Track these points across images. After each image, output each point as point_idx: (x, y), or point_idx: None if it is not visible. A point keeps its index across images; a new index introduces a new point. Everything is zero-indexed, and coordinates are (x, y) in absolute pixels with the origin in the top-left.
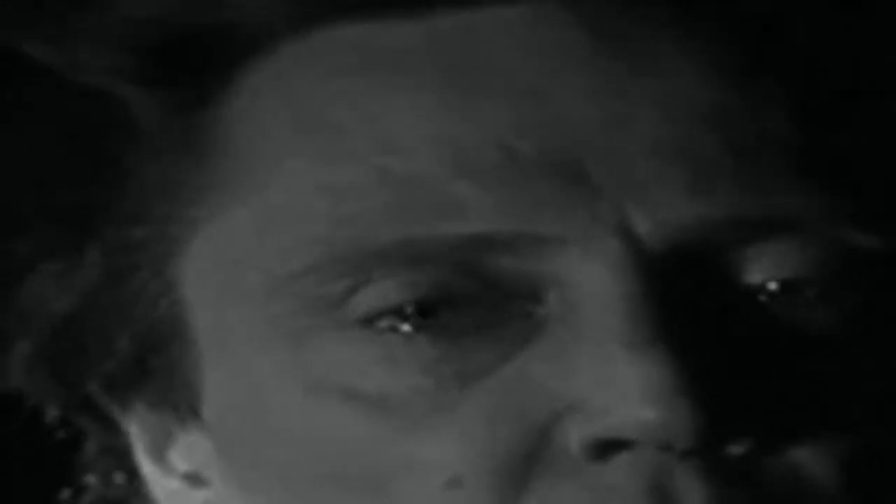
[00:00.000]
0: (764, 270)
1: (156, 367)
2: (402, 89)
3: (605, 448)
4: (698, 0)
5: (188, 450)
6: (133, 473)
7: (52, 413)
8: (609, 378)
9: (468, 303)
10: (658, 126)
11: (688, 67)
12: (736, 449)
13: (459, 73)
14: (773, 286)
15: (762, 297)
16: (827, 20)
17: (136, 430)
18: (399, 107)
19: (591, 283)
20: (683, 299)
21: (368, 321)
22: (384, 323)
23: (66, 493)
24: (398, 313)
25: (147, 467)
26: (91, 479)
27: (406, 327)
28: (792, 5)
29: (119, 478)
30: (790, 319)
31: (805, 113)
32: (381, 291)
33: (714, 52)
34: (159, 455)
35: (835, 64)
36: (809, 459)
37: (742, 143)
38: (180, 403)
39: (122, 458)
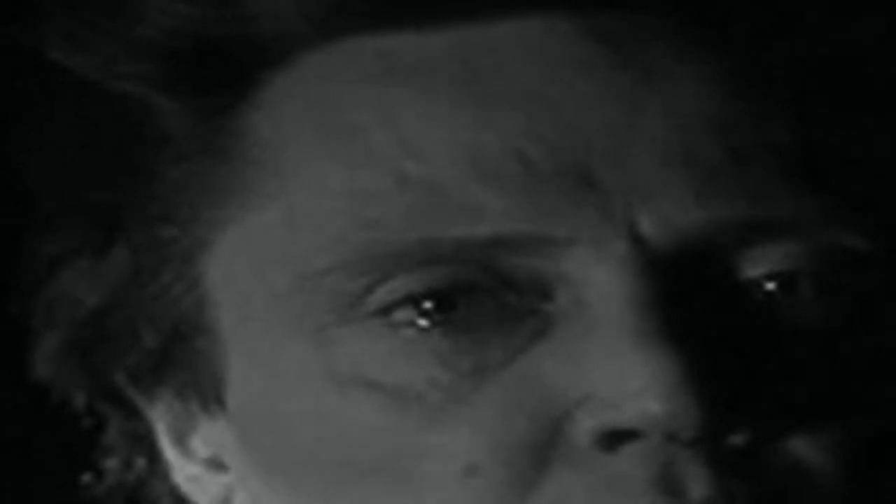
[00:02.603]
0: (764, 270)
1: (181, 358)
2: (421, 97)
3: (614, 439)
4: (701, 11)
5: (210, 436)
6: (154, 458)
7: (78, 401)
8: (617, 372)
9: (482, 299)
10: (663, 133)
11: (691, 76)
12: (738, 439)
13: (475, 82)
14: (772, 285)
15: (762, 296)
16: (824, 26)
17: (159, 417)
18: (418, 114)
19: (600, 281)
20: (687, 297)
21: (386, 313)
22: (401, 317)
23: (87, 478)
24: (415, 307)
25: (169, 452)
26: (112, 464)
27: (422, 322)
28: (790, 13)
29: (140, 462)
30: (789, 316)
31: (804, 118)
32: (399, 285)
33: (716, 61)
34: (181, 441)
35: (832, 70)
36: (809, 450)
37: (743, 149)
38: (204, 393)
39: (143, 443)
